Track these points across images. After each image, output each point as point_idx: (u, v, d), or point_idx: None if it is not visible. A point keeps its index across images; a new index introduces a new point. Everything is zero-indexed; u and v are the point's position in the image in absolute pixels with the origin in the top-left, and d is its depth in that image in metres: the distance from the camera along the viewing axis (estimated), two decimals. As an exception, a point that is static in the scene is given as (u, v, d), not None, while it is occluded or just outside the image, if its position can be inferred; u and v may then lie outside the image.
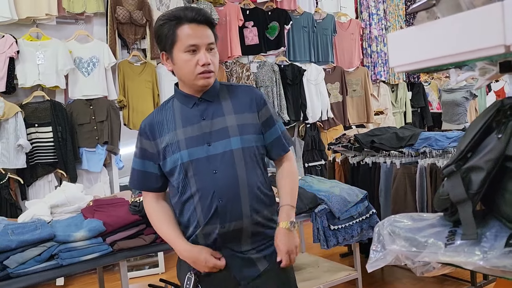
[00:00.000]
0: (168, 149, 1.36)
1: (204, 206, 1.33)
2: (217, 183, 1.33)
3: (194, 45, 1.30)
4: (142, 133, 1.41)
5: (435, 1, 0.71)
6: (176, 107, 1.40)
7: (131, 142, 3.67)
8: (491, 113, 0.72)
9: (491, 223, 0.74)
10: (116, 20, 3.51)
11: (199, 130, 1.36)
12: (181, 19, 1.31)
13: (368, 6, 5.36)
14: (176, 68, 1.35)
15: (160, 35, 1.34)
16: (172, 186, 1.41)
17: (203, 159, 1.34)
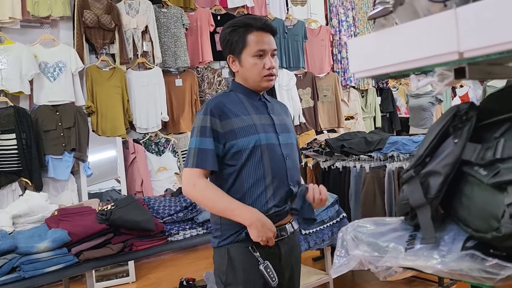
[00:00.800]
0: (244, 130, 1.45)
1: (277, 188, 1.46)
2: (288, 169, 1.50)
3: (262, 50, 1.47)
4: (210, 112, 1.44)
5: (392, 8, 0.72)
6: (242, 98, 1.52)
7: (99, 148, 3.59)
8: (448, 118, 0.74)
9: (449, 226, 0.75)
10: (83, 24, 3.44)
11: (270, 120, 1.52)
12: (251, 26, 1.48)
13: (337, 13, 5.45)
14: (243, 70, 1.50)
15: (230, 40, 1.49)
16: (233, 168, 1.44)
17: (277, 145, 1.49)
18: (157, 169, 3.67)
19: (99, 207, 2.27)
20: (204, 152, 1.41)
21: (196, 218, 2.42)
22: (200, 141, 1.42)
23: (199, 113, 1.49)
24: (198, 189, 1.43)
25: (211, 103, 1.47)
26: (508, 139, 0.65)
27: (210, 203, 1.44)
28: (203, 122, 1.43)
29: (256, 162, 1.45)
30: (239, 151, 1.44)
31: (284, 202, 1.48)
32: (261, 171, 1.45)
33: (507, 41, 0.60)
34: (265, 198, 1.45)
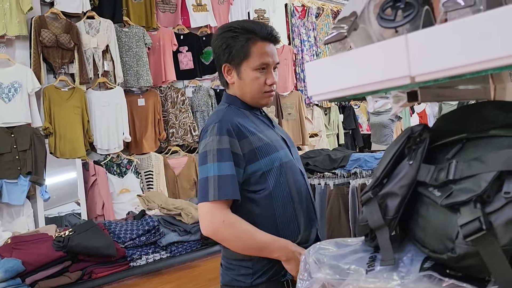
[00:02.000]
0: (264, 149, 1.28)
1: (306, 208, 1.33)
2: (307, 185, 1.37)
3: (265, 63, 1.31)
4: (227, 132, 1.23)
5: (346, 33, 0.74)
6: (247, 113, 1.35)
7: (57, 171, 3.45)
8: (403, 140, 0.75)
9: (408, 247, 0.76)
10: (41, 43, 3.33)
11: (278, 136, 1.38)
12: (255, 35, 1.30)
13: (299, 33, 5.57)
14: (241, 83, 1.33)
15: (229, 47, 1.30)
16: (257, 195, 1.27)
17: (293, 161, 1.36)
18: (119, 191, 3.57)
19: (56, 234, 2.17)
20: (226, 179, 1.20)
21: (159, 241, 2.36)
22: (219, 167, 1.20)
23: (209, 134, 1.26)
24: (230, 227, 1.20)
25: (223, 120, 1.26)
26: (460, 160, 0.67)
27: (244, 243, 1.23)
28: (219, 143, 1.22)
29: (283, 183, 1.29)
30: (263, 173, 1.26)
31: (311, 222, 1.34)
32: (289, 193, 1.29)
33: (456, 66, 0.62)
34: (296, 223, 1.30)
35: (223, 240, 1.26)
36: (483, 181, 0.61)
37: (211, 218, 1.21)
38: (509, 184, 0.59)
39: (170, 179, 3.93)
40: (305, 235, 1.32)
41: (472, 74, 0.63)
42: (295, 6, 5.65)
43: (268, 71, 1.33)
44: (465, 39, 0.60)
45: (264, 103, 1.37)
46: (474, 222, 0.59)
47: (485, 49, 0.58)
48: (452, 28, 0.61)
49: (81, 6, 3.62)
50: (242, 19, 1.42)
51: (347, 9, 0.79)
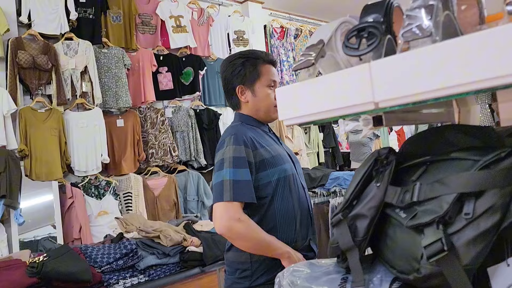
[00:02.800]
0: (272, 160, 1.43)
1: (302, 219, 1.45)
2: (307, 198, 1.51)
3: (273, 81, 1.53)
4: (243, 143, 1.40)
5: (314, 60, 0.76)
6: (256, 129, 1.52)
7: (32, 194, 3.38)
8: (370, 163, 0.77)
9: (378, 268, 0.77)
10: (17, 64, 3.30)
11: (284, 151, 1.53)
12: (262, 58, 1.53)
13: (278, 53, 5.66)
14: (256, 100, 1.52)
15: (243, 70, 1.51)
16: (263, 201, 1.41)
17: (296, 175, 1.50)
18: (97, 213, 3.50)
19: (30, 259, 2.11)
20: (242, 183, 1.34)
21: (137, 265, 2.32)
22: (235, 172, 1.35)
23: (226, 144, 1.41)
24: (244, 225, 1.33)
25: (239, 133, 1.43)
26: (423, 182, 0.69)
27: (254, 241, 1.35)
28: (236, 152, 1.37)
29: (286, 193, 1.43)
30: (270, 182, 1.42)
31: (307, 234, 1.46)
32: (291, 203, 1.44)
33: (417, 93, 0.65)
34: (294, 230, 1.43)
35: (236, 237, 1.37)
36: (445, 203, 0.63)
37: (227, 215, 1.33)
38: (469, 205, 0.62)
39: (149, 201, 3.88)
40: (301, 245, 1.43)
41: (432, 100, 0.66)
42: (274, 27, 5.75)
43: (276, 88, 1.51)
44: (424, 67, 0.63)
45: (275, 117, 1.54)
46: (436, 243, 0.61)
47: (443, 77, 0.61)
48: (412, 57, 0.64)
49: (59, 28, 3.62)
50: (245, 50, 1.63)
51: (315, 37, 0.82)
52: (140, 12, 4.26)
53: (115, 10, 4.03)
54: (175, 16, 4.46)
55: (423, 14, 0.64)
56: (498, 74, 0.55)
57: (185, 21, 4.52)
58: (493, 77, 0.56)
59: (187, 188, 4.15)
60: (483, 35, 0.57)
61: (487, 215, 0.61)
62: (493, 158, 0.63)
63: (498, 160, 0.63)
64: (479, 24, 0.75)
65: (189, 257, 2.46)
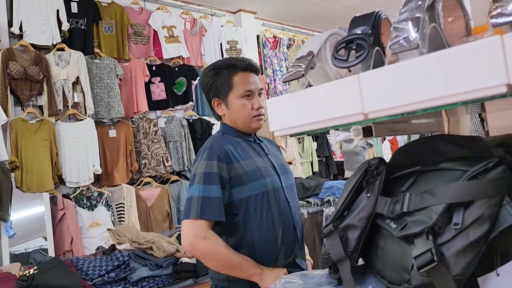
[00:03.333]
0: (250, 175, 1.36)
1: (285, 236, 1.37)
2: (293, 212, 1.43)
3: (249, 90, 1.43)
4: (217, 157, 1.34)
5: (304, 72, 0.77)
6: (239, 140, 1.45)
7: (23, 206, 3.34)
8: (360, 173, 0.78)
9: (369, 279, 0.77)
10: (8, 75, 3.29)
11: (269, 163, 1.45)
12: (235, 67, 1.44)
13: (271, 63, 5.69)
14: (230, 112, 1.45)
15: (214, 83, 1.45)
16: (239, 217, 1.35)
17: (280, 189, 1.42)
18: (89, 225, 3.47)
19: (20, 272, 2.08)
20: (210, 200, 1.29)
21: (129, 277, 2.29)
22: (205, 189, 1.29)
23: (200, 159, 1.37)
24: (211, 243, 1.27)
25: (214, 146, 1.37)
26: (413, 193, 0.70)
27: (223, 261, 1.29)
28: (207, 167, 1.32)
29: (264, 209, 1.36)
30: (246, 198, 1.35)
31: (292, 251, 1.40)
32: (270, 219, 1.36)
33: (406, 104, 0.66)
34: (275, 249, 1.36)
35: (201, 255, 1.34)
36: (434, 213, 0.63)
37: (192, 233, 1.29)
38: (458, 215, 0.62)
39: (142, 211, 3.85)
40: (284, 262, 1.37)
41: (421, 111, 0.66)
42: (267, 37, 5.79)
43: (253, 97, 1.45)
44: (411, 78, 0.63)
45: (255, 127, 1.47)
46: (426, 253, 0.61)
47: (430, 88, 0.62)
48: (400, 69, 0.65)
49: (51, 38, 3.61)
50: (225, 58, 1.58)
51: (304, 48, 0.83)
52: (133, 22, 4.27)
53: (108, 20, 4.04)
54: (167, 26, 4.48)
55: (410, 26, 0.64)
56: (483, 85, 0.56)
57: (178, 31, 4.54)
58: (479, 88, 0.57)
59: (181, 198, 4.13)
60: (468, 47, 0.57)
61: (476, 225, 0.61)
62: (481, 168, 0.63)
63: (486, 170, 0.63)
64: (465, 36, 0.76)
65: (182, 269, 2.44)
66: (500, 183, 0.62)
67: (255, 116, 1.44)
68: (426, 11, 0.66)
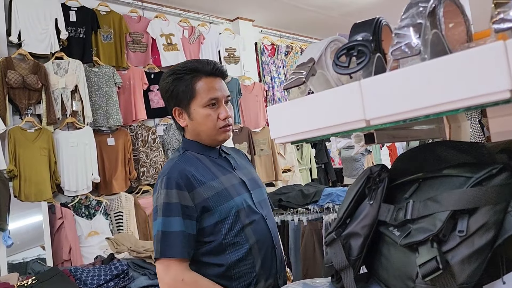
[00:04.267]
0: (216, 198, 1.21)
1: (264, 257, 1.25)
2: (271, 230, 1.29)
3: (214, 98, 1.27)
4: (176, 185, 1.18)
5: (305, 79, 0.77)
6: (202, 158, 1.30)
7: (21, 215, 3.32)
8: (363, 180, 0.77)
9: (372, 287, 0.76)
10: (7, 84, 3.28)
11: (237, 179, 1.31)
12: (198, 71, 1.27)
13: (269, 70, 5.70)
14: (193, 124, 1.29)
15: (175, 90, 1.27)
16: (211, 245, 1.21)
17: (253, 206, 1.28)
18: (87, 234, 3.45)
19: (18, 282, 2.06)
20: (172, 236, 1.14)
21: (128, 286, 2.27)
22: (165, 222, 1.15)
23: (158, 188, 1.21)
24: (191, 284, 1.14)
25: (173, 172, 1.21)
26: (416, 200, 0.69)
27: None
28: (167, 197, 1.17)
29: (237, 232, 1.22)
30: (216, 223, 1.20)
31: (272, 272, 1.27)
32: (245, 242, 1.22)
33: (408, 110, 0.65)
34: (253, 273, 1.23)
35: None
36: (438, 221, 0.62)
37: (169, 276, 1.15)
38: (462, 222, 0.61)
39: (141, 220, 3.83)
40: (265, 285, 1.25)
41: (423, 118, 0.66)
42: (265, 44, 5.81)
43: (219, 106, 1.29)
44: (413, 85, 0.63)
45: (221, 139, 1.32)
46: (431, 261, 0.60)
47: (433, 95, 0.61)
48: (402, 75, 0.64)
49: (49, 47, 3.61)
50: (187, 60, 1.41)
51: (305, 55, 0.82)
52: (131, 30, 4.28)
53: (106, 29, 4.05)
54: (166, 34, 4.49)
55: (411, 32, 0.64)
56: (487, 91, 0.56)
57: (176, 39, 4.55)
58: (482, 94, 0.56)
59: (179, 206, 4.10)
60: (471, 53, 0.57)
61: (481, 232, 0.61)
62: (485, 175, 0.63)
63: (490, 177, 0.63)
64: (466, 41, 0.76)
65: (182, 277, 2.42)
66: (504, 190, 0.62)
67: (221, 127, 1.29)
68: (427, 17, 0.66)
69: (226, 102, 1.33)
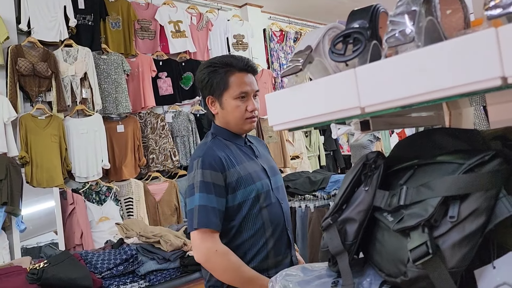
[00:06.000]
0: (241, 181, 1.37)
1: (277, 239, 1.41)
2: (284, 213, 1.46)
3: (244, 92, 1.41)
4: (208, 166, 1.34)
5: (302, 66, 0.77)
6: (229, 144, 1.45)
7: (34, 201, 3.39)
8: (358, 167, 0.78)
9: (368, 271, 0.78)
10: (17, 72, 3.33)
11: (259, 166, 1.46)
12: (232, 67, 1.42)
13: (278, 57, 5.68)
14: (224, 112, 1.44)
15: (210, 81, 1.43)
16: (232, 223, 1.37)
17: (271, 192, 1.43)
18: (98, 219, 3.52)
19: (31, 266, 2.12)
20: (209, 210, 1.30)
21: (137, 270, 2.32)
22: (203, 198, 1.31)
23: (194, 168, 1.36)
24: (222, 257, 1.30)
25: (207, 155, 1.37)
26: (410, 186, 0.70)
27: (231, 275, 1.31)
28: (203, 176, 1.33)
29: (255, 213, 1.38)
30: (239, 203, 1.36)
31: (284, 252, 1.43)
32: (261, 222, 1.38)
33: (402, 97, 0.66)
34: (265, 251, 1.39)
35: (213, 269, 1.34)
36: (430, 206, 0.63)
37: (205, 245, 1.31)
38: (453, 208, 0.62)
39: (150, 206, 3.89)
40: (275, 261, 1.40)
41: (418, 105, 0.66)
42: (273, 31, 5.77)
43: (248, 99, 1.43)
44: (407, 72, 0.63)
45: (247, 128, 1.46)
46: (422, 246, 0.62)
47: (427, 82, 0.62)
48: (395, 62, 0.65)
49: (58, 35, 3.64)
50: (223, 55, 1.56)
51: (303, 42, 0.83)
52: (139, 18, 4.29)
53: (114, 16, 4.06)
54: (174, 21, 4.49)
55: (406, 19, 0.64)
56: (478, 78, 0.56)
57: (184, 26, 4.54)
58: (474, 81, 0.56)
59: (188, 192, 4.15)
60: (463, 40, 0.57)
61: (472, 218, 0.61)
62: (477, 161, 0.63)
63: (483, 163, 0.63)
64: (464, 28, 0.76)
65: (190, 262, 2.46)
66: (496, 176, 0.62)
67: (248, 118, 1.43)
68: (422, 4, 0.66)
69: (255, 96, 1.46)
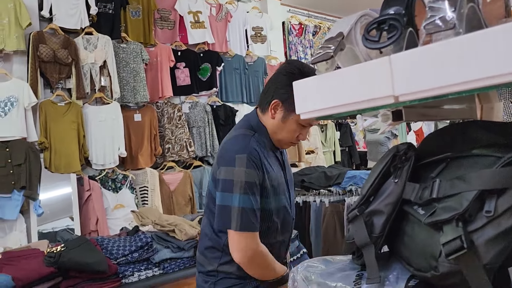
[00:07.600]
0: (269, 189, 1.37)
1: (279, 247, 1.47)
2: (292, 229, 1.52)
3: (309, 124, 1.42)
4: (253, 165, 1.30)
5: (333, 53, 0.75)
6: (267, 145, 1.42)
7: (51, 186, 3.44)
8: (388, 158, 0.76)
9: (394, 265, 0.76)
10: (38, 58, 3.36)
11: (283, 178, 1.46)
12: None
13: (296, 50, 5.63)
14: (280, 125, 1.40)
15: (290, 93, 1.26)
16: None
17: (288, 206, 1.46)
18: (113, 206, 3.55)
19: (48, 249, 2.15)
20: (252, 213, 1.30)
21: (152, 258, 2.34)
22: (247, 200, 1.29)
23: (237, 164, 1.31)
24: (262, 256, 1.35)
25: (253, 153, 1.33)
26: (443, 179, 0.68)
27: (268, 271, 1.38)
28: (248, 177, 1.29)
29: (270, 222, 1.39)
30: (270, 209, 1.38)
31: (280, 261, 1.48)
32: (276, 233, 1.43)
33: (438, 87, 0.64)
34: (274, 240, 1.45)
35: (254, 267, 1.35)
36: (465, 200, 0.61)
37: (250, 247, 1.31)
38: (490, 203, 0.60)
39: (165, 195, 3.91)
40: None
41: (454, 95, 0.64)
42: (292, 24, 5.72)
43: (306, 129, 1.42)
44: (446, 60, 0.61)
45: (284, 148, 1.50)
46: (455, 240, 0.60)
47: (465, 71, 0.59)
48: (434, 50, 0.62)
49: (79, 22, 3.67)
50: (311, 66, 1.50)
51: (334, 29, 0.81)
52: (159, 7, 4.29)
53: (135, 5, 4.07)
54: (193, 11, 4.48)
55: (446, 5, 0.62)
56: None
57: (204, 16, 4.54)
58: (516, 71, 0.54)
59: (203, 184, 4.17)
60: (503, 28, 0.55)
61: (509, 213, 0.59)
62: (516, 155, 0.61)
63: (522, 157, 0.61)
64: (504, 17, 0.73)
65: (203, 252, 2.47)
66: (536, 171, 0.60)
67: (292, 142, 1.45)
68: (463, -10, 0.63)
69: (311, 125, 1.47)
